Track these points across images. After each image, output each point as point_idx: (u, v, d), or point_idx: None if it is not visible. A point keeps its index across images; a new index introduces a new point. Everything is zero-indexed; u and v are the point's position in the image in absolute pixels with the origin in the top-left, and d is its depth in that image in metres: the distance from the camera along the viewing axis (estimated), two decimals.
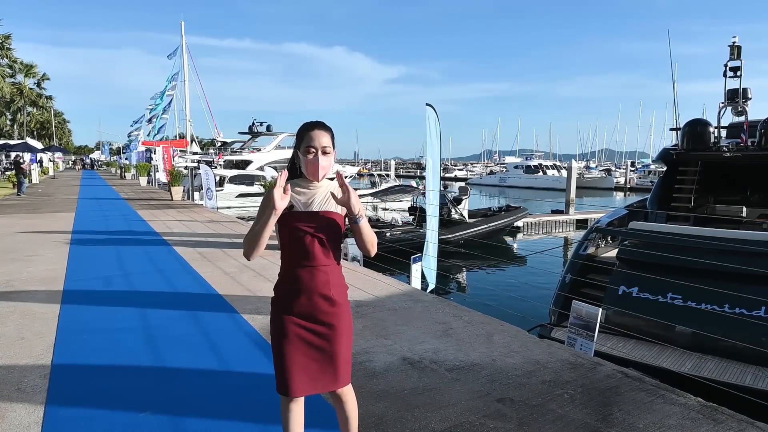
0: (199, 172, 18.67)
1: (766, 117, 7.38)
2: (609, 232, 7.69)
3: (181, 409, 3.00)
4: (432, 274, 7.97)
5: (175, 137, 33.56)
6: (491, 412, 2.94)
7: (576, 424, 2.80)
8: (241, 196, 23.99)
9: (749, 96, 8.10)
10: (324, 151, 2.08)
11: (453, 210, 15.93)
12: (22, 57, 48.57)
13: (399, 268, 8.29)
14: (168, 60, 28.64)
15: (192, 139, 32.47)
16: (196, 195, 20.19)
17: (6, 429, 2.77)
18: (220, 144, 32.59)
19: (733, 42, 8.16)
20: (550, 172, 54.85)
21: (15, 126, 52.77)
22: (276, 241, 2.13)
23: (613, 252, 7.24)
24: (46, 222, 11.86)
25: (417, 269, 7.71)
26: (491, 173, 66.83)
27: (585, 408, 2.98)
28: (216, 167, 24.27)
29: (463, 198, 16.87)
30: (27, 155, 32.45)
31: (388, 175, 35.18)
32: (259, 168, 26.13)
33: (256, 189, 23.49)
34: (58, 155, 49.50)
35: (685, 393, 3.16)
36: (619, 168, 67.45)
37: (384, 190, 23.65)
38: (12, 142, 40.97)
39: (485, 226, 16.40)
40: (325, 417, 2.80)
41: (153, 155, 29.79)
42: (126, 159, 43.22)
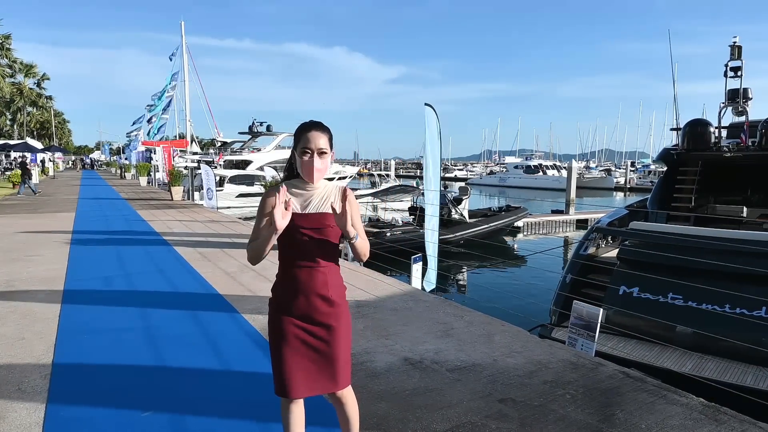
0: (199, 172, 18.67)
1: (766, 117, 7.38)
2: (609, 232, 7.69)
3: (182, 409, 3.00)
4: (432, 274, 7.97)
5: (175, 137, 33.54)
6: (493, 412, 2.94)
7: (578, 424, 2.80)
8: (241, 196, 24.00)
9: (750, 96, 8.09)
10: (320, 153, 2.06)
11: (453, 210, 15.93)
12: (22, 57, 48.64)
13: (399, 268, 8.29)
14: (169, 61, 28.64)
15: (192, 139, 32.45)
16: (196, 195, 20.20)
17: (7, 429, 2.77)
18: (220, 144, 32.59)
19: (734, 42, 8.15)
20: (550, 172, 54.84)
21: (15, 126, 52.76)
22: (277, 244, 2.12)
23: (614, 252, 7.24)
24: (46, 222, 11.86)
25: (417, 269, 7.70)
26: (491, 173, 66.83)
27: (587, 408, 2.98)
28: (216, 167, 24.27)
29: (464, 198, 16.88)
30: (27, 155, 32.59)
31: (388, 175, 35.17)
32: (259, 168, 26.15)
33: (256, 189, 23.49)
34: (58, 155, 49.51)
35: (688, 393, 3.16)
36: (619, 168, 67.47)
37: (384, 190, 23.66)
38: (12, 142, 40.96)
39: (485, 226, 16.41)
40: (327, 416, 2.80)
41: (153, 155, 29.79)
42: (126, 159, 43.21)
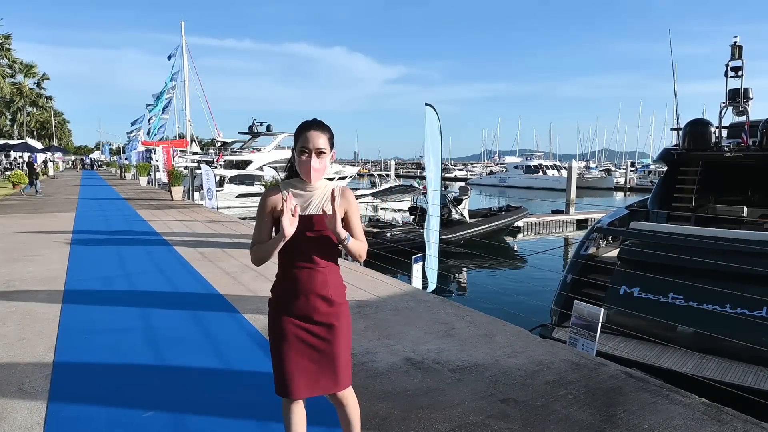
0: (200, 172, 18.66)
1: (767, 117, 7.38)
2: (610, 232, 7.68)
3: (184, 410, 2.99)
4: (433, 274, 7.96)
5: (175, 137, 33.50)
6: (495, 412, 2.93)
7: (580, 424, 2.79)
8: (241, 196, 24.01)
9: (750, 96, 8.10)
10: (318, 153, 2.04)
11: (453, 210, 15.94)
12: (22, 57, 48.60)
13: (400, 268, 8.28)
14: (168, 61, 28.55)
15: (192, 139, 32.39)
16: (196, 195, 20.19)
17: (8, 430, 2.76)
18: (220, 144, 32.59)
19: (735, 42, 8.16)
20: (550, 172, 54.85)
21: (15, 126, 52.72)
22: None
23: (614, 252, 7.23)
24: (46, 222, 11.85)
25: (418, 269, 7.70)
26: (491, 173, 66.85)
27: (589, 409, 2.97)
28: (216, 167, 24.28)
29: (464, 198, 16.89)
30: (26, 155, 32.66)
31: (388, 175, 35.18)
32: (259, 168, 26.13)
33: (256, 189, 23.50)
34: (57, 155, 49.48)
35: (690, 393, 3.15)
36: (619, 168, 67.49)
37: (384, 190, 23.67)
38: (12, 142, 40.90)
39: (486, 226, 16.42)
40: (328, 417, 2.79)
41: (153, 155, 29.77)
42: (126, 159, 43.19)
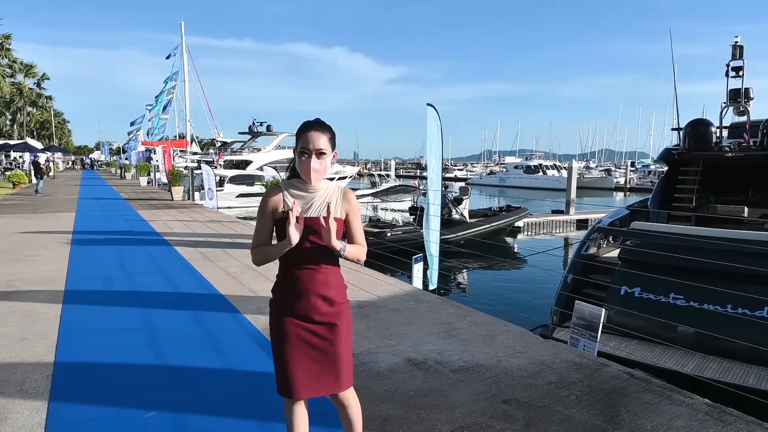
0: (200, 172, 18.65)
1: (767, 117, 7.37)
2: (611, 232, 7.67)
3: (185, 410, 2.99)
4: (434, 274, 7.96)
5: (175, 137, 33.48)
6: (497, 413, 2.93)
7: (583, 425, 2.78)
8: (242, 196, 24.01)
9: (751, 96, 8.09)
10: (319, 154, 2.03)
11: (454, 210, 15.94)
12: (22, 57, 48.58)
13: (400, 268, 8.28)
14: (166, 60, 28.51)
15: (192, 139, 32.38)
16: (196, 195, 20.18)
17: (9, 431, 2.75)
18: (220, 144, 32.58)
19: (736, 42, 8.15)
20: (550, 172, 54.83)
21: (15, 126, 52.69)
22: (276, 241, 2.10)
23: (615, 252, 7.22)
24: (46, 222, 11.84)
25: (419, 269, 7.69)
26: (491, 173, 66.83)
27: (592, 409, 2.97)
28: (216, 167, 24.28)
29: (464, 198, 16.89)
30: (27, 155, 32.64)
31: (388, 176, 35.15)
32: (259, 168, 26.12)
33: (256, 189, 23.50)
34: (57, 155, 49.46)
35: (693, 394, 3.14)
36: (619, 168, 67.49)
37: (385, 190, 23.68)
38: (12, 142, 40.84)
39: (486, 226, 16.42)
40: (330, 418, 2.78)
41: (153, 155, 29.75)
42: (126, 159, 43.18)
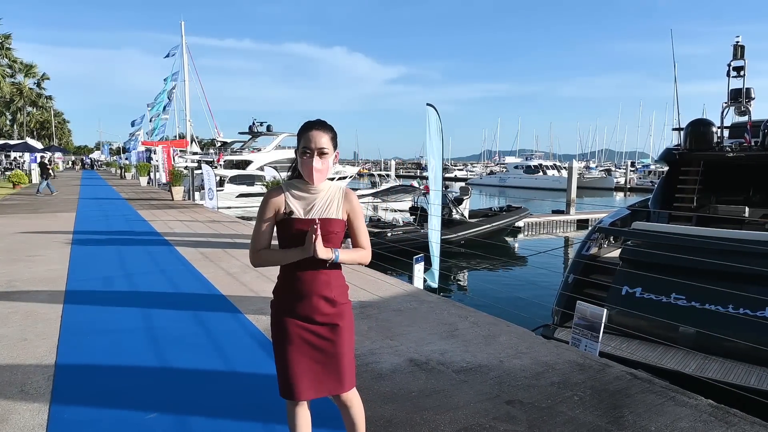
0: (200, 172, 18.64)
1: None
2: (612, 232, 7.67)
3: (187, 411, 2.98)
4: (435, 274, 7.95)
5: (175, 137, 33.49)
6: (501, 414, 2.92)
7: (587, 426, 2.77)
8: (242, 196, 23.98)
9: (753, 96, 8.09)
10: (320, 153, 2.02)
11: (454, 210, 15.93)
12: (22, 57, 48.45)
13: (401, 268, 8.27)
14: (166, 59, 28.49)
15: (192, 139, 32.40)
16: (196, 195, 20.17)
17: None
18: (220, 144, 32.53)
19: (737, 42, 8.15)
20: (550, 172, 54.82)
21: (15, 126, 52.67)
22: (276, 242, 2.10)
23: (616, 252, 7.22)
24: (47, 222, 11.83)
25: (419, 269, 7.68)
26: (491, 173, 66.81)
27: (595, 410, 2.96)
28: (216, 167, 24.26)
29: (464, 198, 16.89)
30: (27, 155, 32.61)
31: (388, 175, 35.13)
32: (260, 168, 26.10)
33: (256, 189, 23.48)
34: (57, 155, 49.45)
35: (697, 395, 3.13)
36: (619, 168, 67.46)
37: (385, 190, 23.67)
38: (12, 142, 40.82)
39: (487, 226, 16.41)
40: (333, 418, 2.77)
41: (153, 155, 29.73)
42: (126, 159, 43.17)
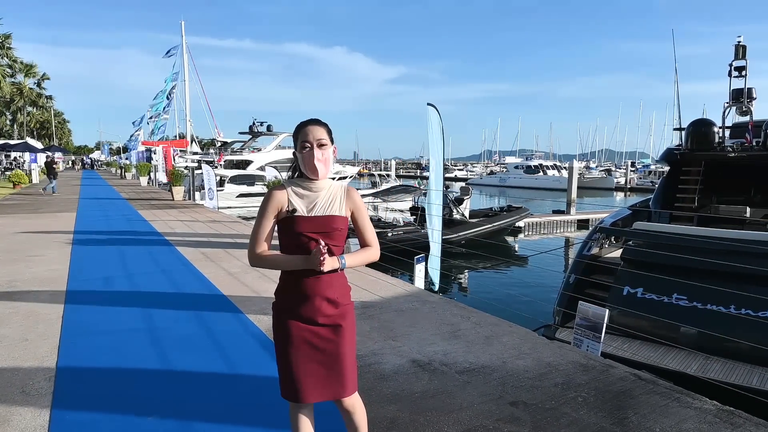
0: (200, 172, 18.63)
1: None
2: (613, 232, 7.66)
3: (189, 412, 2.96)
4: (436, 274, 7.94)
5: (175, 137, 33.46)
6: (504, 415, 2.90)
7: (591, 428, 2.76)
8: (242, 196, 23.97)
9: (754, 96, 8.07)
10: (320, 145, 2.03)
11: (454, 210, 15.92)
12: (22, 57, 48.43)
13: (401, 268, 8.25)
14: (165, 58, 28.43)
15: (192, 139, 32.37)
16: (197, 195, 20.16)
17: None
18: (220, 144, 32.53)
19: (738, 41, 8.13)
20: (550, 172, 54.80)
21: (15, 126, 52.64)
22: (277, 242, 2.08)
23: (617, 252, 7.21)
24: (47, 222, 11.81)
25: (420, 269, 7.67)
26: (491, 173, 66.80)
27: (600, 411, 2.94)
28: (217, 167, 24.26)
29: (465, 198, 16.88)
30: (27, 155, 32.57)
31: (388, 175, 35.12)
32: (260, 168, 26.10)
33: (256, 189, 23.48)
34: (58, 155, 49.40)
35: (701, 396, 3.11)
36: (620, 168, 67.45)
37: (385, 190, 23.67)
38: (12, 142, 40.81)
39: (487, 226, 16.40)
40: (336, 420, 2.76)
41: (153, 155, 29.71)
42: (126, 159, 43.15)
